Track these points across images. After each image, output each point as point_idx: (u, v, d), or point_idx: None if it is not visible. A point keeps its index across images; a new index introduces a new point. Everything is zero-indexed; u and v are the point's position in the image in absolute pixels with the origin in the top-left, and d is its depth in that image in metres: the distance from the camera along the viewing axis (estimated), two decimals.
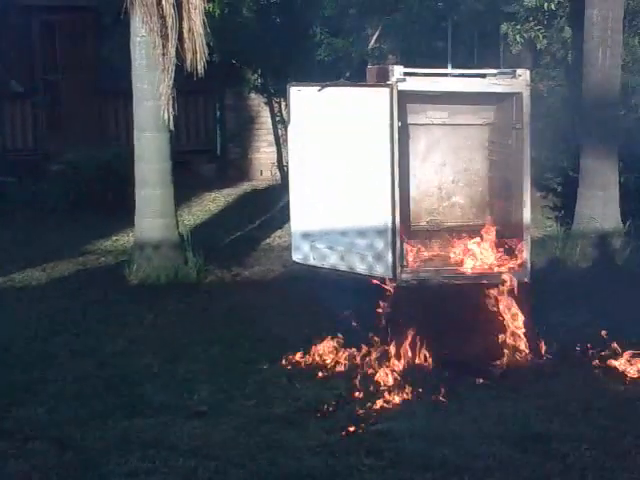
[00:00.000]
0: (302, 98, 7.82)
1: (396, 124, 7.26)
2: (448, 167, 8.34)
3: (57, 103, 17.62)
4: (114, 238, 12.74)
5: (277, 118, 16.80)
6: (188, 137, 17.64)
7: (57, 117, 17.62)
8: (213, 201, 15.54)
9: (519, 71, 7.52)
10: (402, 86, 7.27)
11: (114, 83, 15.28)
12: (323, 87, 7.72)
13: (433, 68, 7.91)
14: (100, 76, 17.04)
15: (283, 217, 13.09)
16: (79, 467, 5.78)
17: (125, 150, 12.65)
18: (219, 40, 11.00)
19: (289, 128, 8.01)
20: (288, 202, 7.92)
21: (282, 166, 16.45)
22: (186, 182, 11.63)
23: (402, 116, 7.45)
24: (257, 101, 17.43)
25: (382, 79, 7.43)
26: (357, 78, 11.52)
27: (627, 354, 7.64)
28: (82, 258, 11.65)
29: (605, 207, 12.06)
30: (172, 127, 10.49)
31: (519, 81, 7.49)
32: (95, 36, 17.37)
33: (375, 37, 15.76)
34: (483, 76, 7.65)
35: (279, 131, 16.72)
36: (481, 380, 7.16)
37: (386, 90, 7.27)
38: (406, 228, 7.62)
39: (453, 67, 14.89)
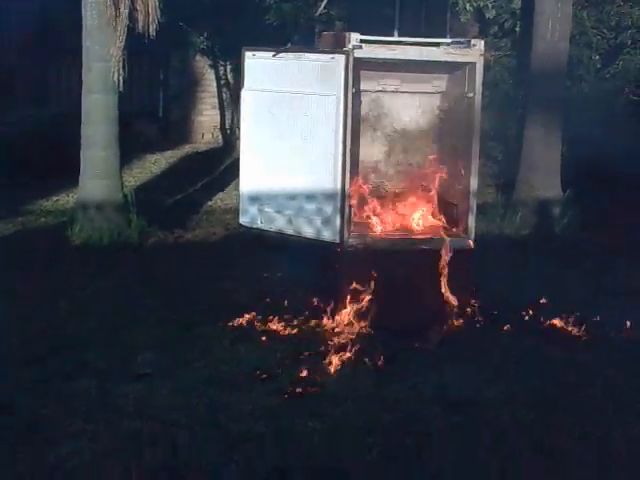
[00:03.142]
0: (256, 62, 7.81)
1: (350, 91, 7.27)
2: (398, 134, 8.36)
3: None
4: (54, 198, 12.55)
5: (222, 81, 16.66)
6: (131, 98, 17.27)
7: None
8: (154, 163, 15.39)
9: (474, 41, 7.56)
10: (358, 53, 7.28)
11: (58, 43, 15.01)
12: (278, 52, 7.68)
13: (380, 35, 7.88)
14: (45, 36, 16.67)
15: (225, 180, 13.04)
16: (24, 431, 5.70)
17: (67, 110, 12.42)
18: (167, 2, 10.89)
19: (242, 92, 7.98)
20: (229, 165, 7.88)
21: (224, 129, 16.35)
22: (127, 143, 11.47)
23: (355, 82, 7.46)
24: (202, 64, 17.25)
25: (338, 46, 7.43)
26: (304, 43, 11.43)
27: (563, 318, 7.81)
28: (21, 218, 11.44)
29: (546, 176, 12.17)
30: (121, 89, 10.39)
31: (473, 51, 7.53)
32: None
33: (324, 3, 15.68)
34: (437, 45, 7.65)
35: (223, 94, 16.59)
36: (421, 345, 7.19)
37: (342, 57, 7.27)
38: (354, 193, 7.61)
39: (400, 34, 14.84)
